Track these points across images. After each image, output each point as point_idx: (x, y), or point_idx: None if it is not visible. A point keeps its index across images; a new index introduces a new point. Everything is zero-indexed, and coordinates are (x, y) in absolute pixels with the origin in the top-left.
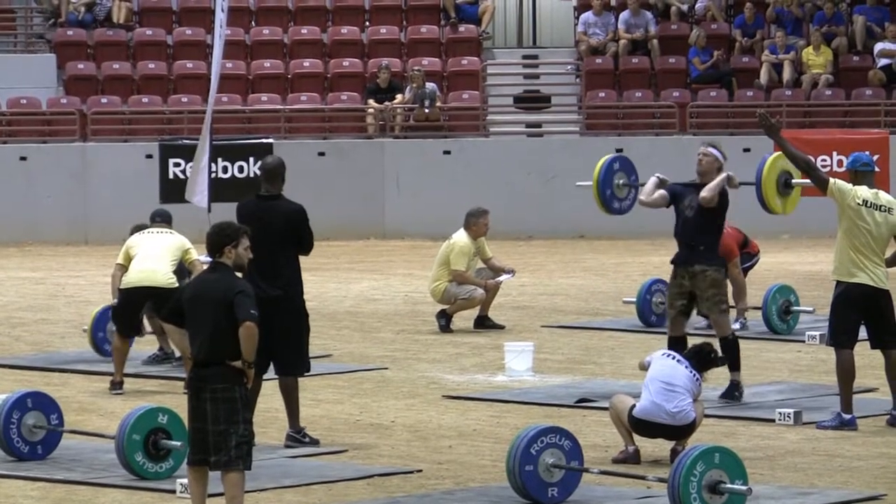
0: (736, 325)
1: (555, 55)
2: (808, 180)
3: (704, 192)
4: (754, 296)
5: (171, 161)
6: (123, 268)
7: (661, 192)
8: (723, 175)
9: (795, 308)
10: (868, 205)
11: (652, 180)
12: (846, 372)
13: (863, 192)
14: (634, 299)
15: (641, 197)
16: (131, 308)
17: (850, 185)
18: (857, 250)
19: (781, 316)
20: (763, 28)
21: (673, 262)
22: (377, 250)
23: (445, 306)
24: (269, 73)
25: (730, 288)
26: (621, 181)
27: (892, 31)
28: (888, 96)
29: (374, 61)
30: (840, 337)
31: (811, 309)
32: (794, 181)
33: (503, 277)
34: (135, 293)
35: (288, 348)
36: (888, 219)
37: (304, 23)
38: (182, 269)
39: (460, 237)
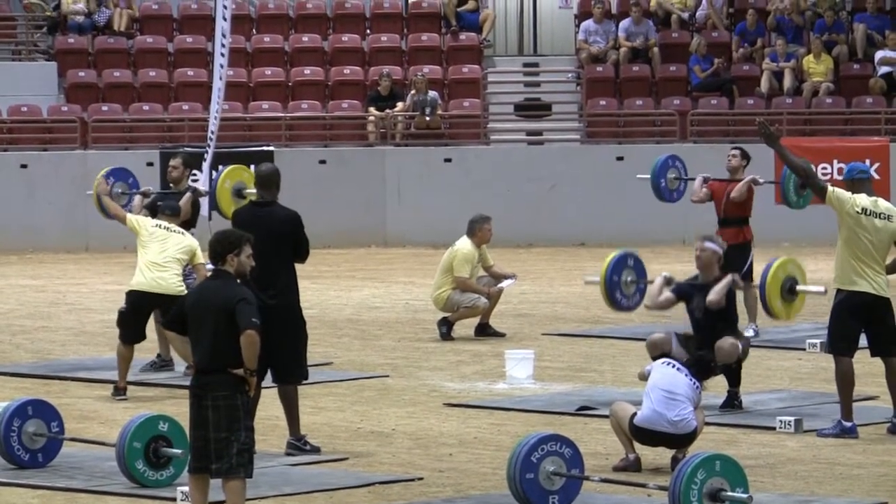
0: (749, 332)
1: (555, 63)
2: (812, 287)
3: (711, 297)
4: None
5: None
6: (123, 222)
7: (667, 294)
8: (727, 278)
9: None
10: (867, 213)
11: (658, 280)
12: (846, 380)
13: (862, 199)
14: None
15: (646, 302)
16: (139, 314)
17: (848, 194)
18: (857, 258)
19: (798, 190)
20: (764, 36)
21: None
22: (378, 258)
23: (447, 314)
24: (269, 81)
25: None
26: (629, 278)
27: (893, 40)
28: (889, 104)
29: (375, 69)
30: (840, 344)
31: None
32: (798, 287)
33: (505, 283)
34: (143, 298)
35: (285, 356)
36: (888, 226)
37: (304, 30)
38: None
39: (464, 244)
